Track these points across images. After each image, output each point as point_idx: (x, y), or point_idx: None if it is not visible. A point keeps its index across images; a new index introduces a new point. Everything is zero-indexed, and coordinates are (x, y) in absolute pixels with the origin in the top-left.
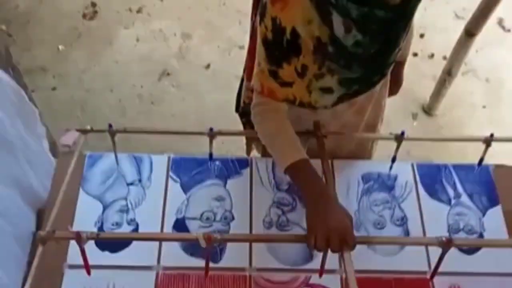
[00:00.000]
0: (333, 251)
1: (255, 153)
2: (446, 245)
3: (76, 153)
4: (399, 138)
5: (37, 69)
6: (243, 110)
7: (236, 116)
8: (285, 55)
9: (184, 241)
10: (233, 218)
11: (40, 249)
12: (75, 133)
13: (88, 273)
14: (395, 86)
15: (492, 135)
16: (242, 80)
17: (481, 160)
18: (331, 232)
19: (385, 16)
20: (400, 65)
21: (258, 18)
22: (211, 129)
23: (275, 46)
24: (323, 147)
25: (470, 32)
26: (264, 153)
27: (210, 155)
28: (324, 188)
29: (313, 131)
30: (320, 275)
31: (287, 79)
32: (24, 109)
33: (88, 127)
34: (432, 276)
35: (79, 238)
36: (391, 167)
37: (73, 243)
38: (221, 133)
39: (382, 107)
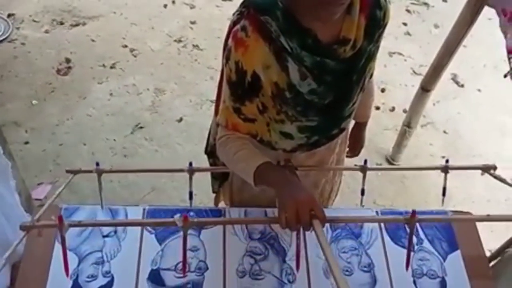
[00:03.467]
0: (304, 226)
1: (222, 204)
2: (410, 220)
3: (47, 204)
4: (364, 168)
5: (10, 123)
6: (211, 150)
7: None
8: (247, 95)
9: (161, 226)
10: (207, 268)
11: (22, 234)
12: (47, 187)
13: (66, 268)
14: (356, 146)
15: (447, 160)
16: (211, 126)
17: (444, 189)
18: (299, 205)
19: (336, 67)
20: (361, 126)
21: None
22: (190, 164)
23: (238, 86)
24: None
25: (426, 88)
26: (232, 204)
27: (190, 193)
28: (290, 175)
29: (284, 165)
30: (298, 267)
31: (250, 115)
32: None
33: (78, 168)
34: (408, 254)
35: (62, 226)
36: (361, 201)
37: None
38: (199, 169)
39: (341, 162)
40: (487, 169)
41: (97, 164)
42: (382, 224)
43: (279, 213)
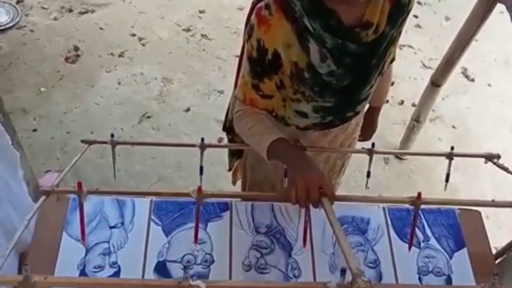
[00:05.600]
0: (313, 202)
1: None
2: (415, 202)
3: (65, 172)
4: (371, 151)
5: (18, 110)
6: (229, 125)
7: (215, 156)
8: (266, 72)
9: (176, 196)
10: (213, 261)
11: (42, 198)
12: (54, 175)
13: (83, 235)
14: (369, 130)
15: (452, 148)
16: (230, 101)
17: (448, 175)
18: (309, 182)
19: (357, 50)
20: (375, 110)
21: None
22: (202, 140)
23: (258, 63)
24: None
25: (436, 83)
26: (245, 183)
27: (201, 168)
28: (303, 153)
29: (293, 144)
30: (304, 243)
31: (267, 92)
32: (6, 153)
33: (93, 139)
34: (411, 235)
35: (81, 192)
36: (366, 183)
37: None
38: (211, 145)
39: (354, 142)
40: (491, 157)
41: (112, 135)
42: (389, 221)
43: (289, 189)
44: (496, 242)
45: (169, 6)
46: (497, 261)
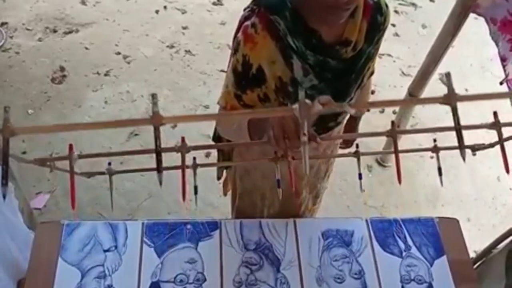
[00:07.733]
0: (290, 137)
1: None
2: (392, 132)
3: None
4: (357, 153)
5: None
6: (218, 136)
7: (203, 170)
8: (249, 85)
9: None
10: (205, 279)
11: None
12: (45, 196)
13: (73, 200)
14: (350, 139)
15: (435, 140)
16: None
17: (439, 169)
18: (285, 120)
19: (337, 66)
20: (356, 120)
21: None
22: (194, 159)
23: (243, 76)
24: None
25: (413, 94)
26: (234, 193)
27: (195, 188)
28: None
29: None
30: (292, 185)
31: (249, 102)
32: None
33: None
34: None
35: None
36: (360, 185)
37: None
38: (203, 165)
39: (335, 148)
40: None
41: (109, 163)
42: (372, 232)
43: (267, 132)
44: (476, 245)
45: (153, 23)
46: (476, 265)
